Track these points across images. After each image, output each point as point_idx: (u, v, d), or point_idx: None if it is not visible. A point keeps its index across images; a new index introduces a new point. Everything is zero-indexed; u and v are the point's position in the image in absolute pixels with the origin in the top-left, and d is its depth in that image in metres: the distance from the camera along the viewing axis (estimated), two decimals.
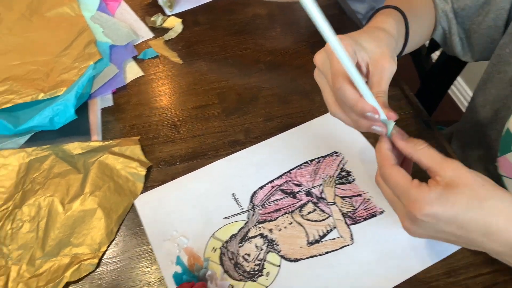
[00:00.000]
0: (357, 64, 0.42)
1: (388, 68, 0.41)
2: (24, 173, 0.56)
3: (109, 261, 0.49)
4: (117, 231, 0.51)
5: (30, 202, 0.53)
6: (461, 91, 1.61)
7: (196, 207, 0.52)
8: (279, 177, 0.54)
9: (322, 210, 0.51)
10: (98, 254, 0.49)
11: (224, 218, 0.51)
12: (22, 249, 0.50)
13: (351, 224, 0.50)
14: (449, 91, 1.58)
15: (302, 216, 0.51)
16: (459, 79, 1.54)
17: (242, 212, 0.52)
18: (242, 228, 0.50)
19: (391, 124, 0.40)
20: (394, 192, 0.38)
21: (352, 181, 0.53)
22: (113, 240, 0.50)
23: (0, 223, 0.52)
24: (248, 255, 0.48)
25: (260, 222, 0.51)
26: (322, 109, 0.60)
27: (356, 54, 0.42)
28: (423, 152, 0.38)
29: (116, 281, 0.47)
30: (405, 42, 0.51)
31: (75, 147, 0.58)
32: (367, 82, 0.42)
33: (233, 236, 0.50)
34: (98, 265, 0.48)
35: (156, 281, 0.47)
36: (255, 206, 0.52)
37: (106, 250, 0.49)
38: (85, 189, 0.53)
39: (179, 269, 0.45)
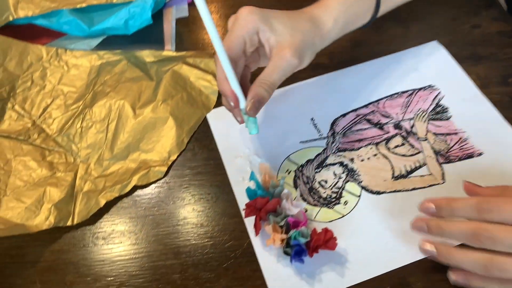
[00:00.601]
0: (260, 43, 0.40)
1: (287, 61, 0.38)
2: (95, 75, 0.54)
3: (178, 171, 0.47)
4: (188, 142, 0.48)
5: (100, 104, 0.51)
6: None
7: (271, 127, 0.48)
8: (365, 106, 0.49)
9: (412, 145, 0.46)
10: (167, 162, 0.47)
11: (300, 142, 0.47)
12: (90, 148, 0.49)
13: (443, 163, 0.44)
14: None
15: (388, 149, 0.46)
16: None
17: (321, 138, 0.47)
18: (319, 154, 0.46)
19: (246, 118, 0.40)
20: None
21: (448, 118, 0.47)
22: (183, 151, 0.48)
23: (70, 121, 0.51)
24: (325, 181, 0.44)
25: (340, 150, 0.46)
26: (417, 40, 0.54)
27: (259, 34, 0.39)
28: None
29: (185, 191, 0.45)
30: (376, 10, 0.46)
31: (147, 55, 0.55)
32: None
33: (310, 161, 0.46)
34: (166, 173, 0.46)
35: (225, 195, 0.44)
36: (335, 134, 0.48)
37: (176, 160, 0.47)
38: (157, 96, 0.51)
39: (252, 185, 0.42)
